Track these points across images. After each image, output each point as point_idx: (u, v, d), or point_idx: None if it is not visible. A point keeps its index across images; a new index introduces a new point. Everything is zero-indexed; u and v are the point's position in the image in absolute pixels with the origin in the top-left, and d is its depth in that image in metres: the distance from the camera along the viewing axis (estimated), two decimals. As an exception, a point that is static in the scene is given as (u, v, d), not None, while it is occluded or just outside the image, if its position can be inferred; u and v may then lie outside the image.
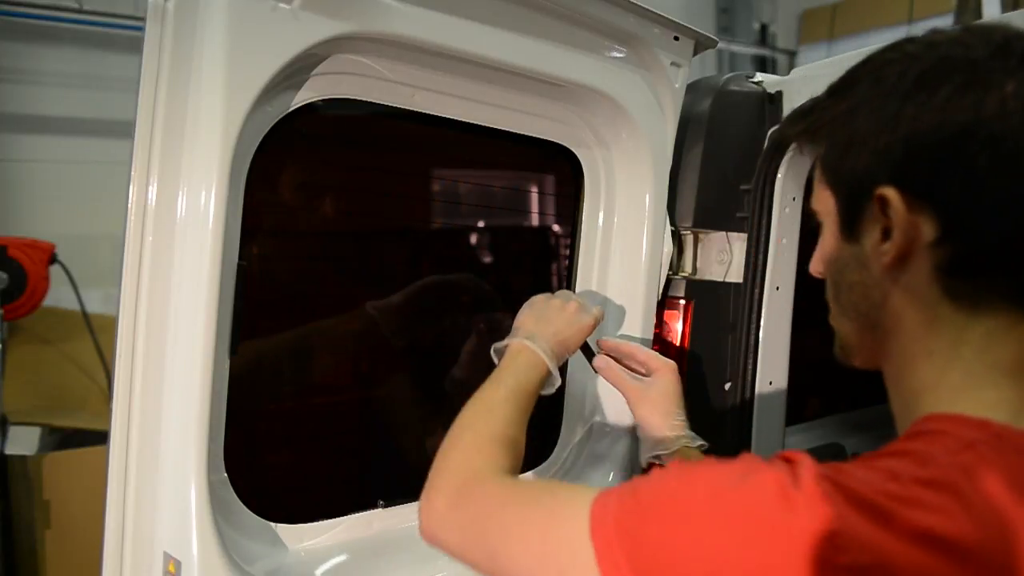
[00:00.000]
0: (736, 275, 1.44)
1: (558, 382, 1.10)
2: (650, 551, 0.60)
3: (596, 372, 1.22)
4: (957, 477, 0.56)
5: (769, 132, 1.42)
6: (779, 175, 1.38)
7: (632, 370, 1.21)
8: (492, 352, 1.11)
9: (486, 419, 0.95)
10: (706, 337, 1.44)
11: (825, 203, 0.72)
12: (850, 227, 0.68)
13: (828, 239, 0.72)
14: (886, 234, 0.65)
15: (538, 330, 1.10)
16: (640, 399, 1.17)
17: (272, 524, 1.09)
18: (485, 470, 0.85)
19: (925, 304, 0.65)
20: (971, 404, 0.63)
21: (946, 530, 0.54)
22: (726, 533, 0.57)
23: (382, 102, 1.13)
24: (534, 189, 1.54)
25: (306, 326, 1.23)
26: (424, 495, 0.87)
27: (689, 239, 1.47)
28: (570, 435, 1.45)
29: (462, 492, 0.82)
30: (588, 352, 1.22)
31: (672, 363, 1.19)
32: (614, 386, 1.20)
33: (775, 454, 0.62)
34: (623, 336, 1.38)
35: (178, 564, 0.94)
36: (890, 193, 0.63)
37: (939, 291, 0.64)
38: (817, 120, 0.71)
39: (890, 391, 0.71)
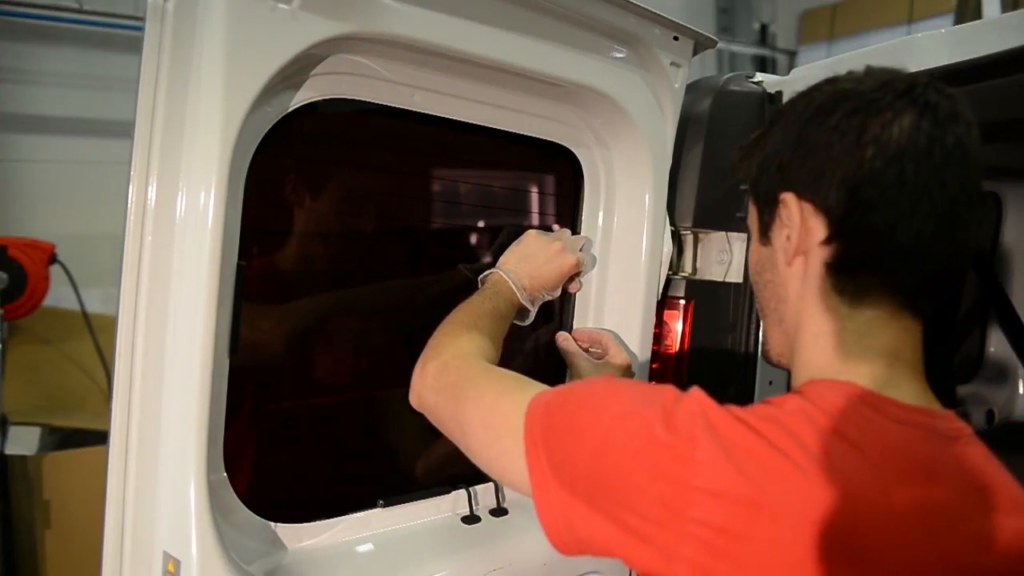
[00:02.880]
0: (736, 275, 1.44)
1: (531, 316, 1.24)
2: (559, 432, 0.75)
3: (555, 342, 1.34)
4: (800, 421, 0.68)
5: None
6: (779, 175, 1.37)
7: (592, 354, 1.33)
8: (479, 280, 1.23)
9: (472, 320, 1.08)
10: (706, 337, 1.44)
11: (751, 216, 0.84)
12: (764, 232, 0.81)
13: (753, 246, 0.84)
14: (789, 236, 0.77)
15: (518, 267, 1.22)
16: (585, 370, 1.28)
17: (271, 523, 1.09)
18: (471, 353, 0.99)
19: (817, 297, 0.76)
20: (843, 375, 0.74)
21: (777, 463, 0.65)
22: (616, 436, 0.70)
23: (382, 102, 1.13)
24: (534, 189, 1.54)
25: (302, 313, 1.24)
26: (418, 364, 1.01)
27: (689, 239, 1.47)
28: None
29: (449, 364, 0.97)
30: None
31: (628, 358, 1.30)
32: (566, 360, 1.32)
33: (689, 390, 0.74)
34: (623, 334, 1.38)
35: (177, 563, 0.94)
36: (789, 198, 0.76)
37: (828, 285, 0.75)
38: (749, 149, 0.84)
39: (791, 377, 0.81)
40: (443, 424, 0.95)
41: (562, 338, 1.33)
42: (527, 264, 1.22)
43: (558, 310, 1.44)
